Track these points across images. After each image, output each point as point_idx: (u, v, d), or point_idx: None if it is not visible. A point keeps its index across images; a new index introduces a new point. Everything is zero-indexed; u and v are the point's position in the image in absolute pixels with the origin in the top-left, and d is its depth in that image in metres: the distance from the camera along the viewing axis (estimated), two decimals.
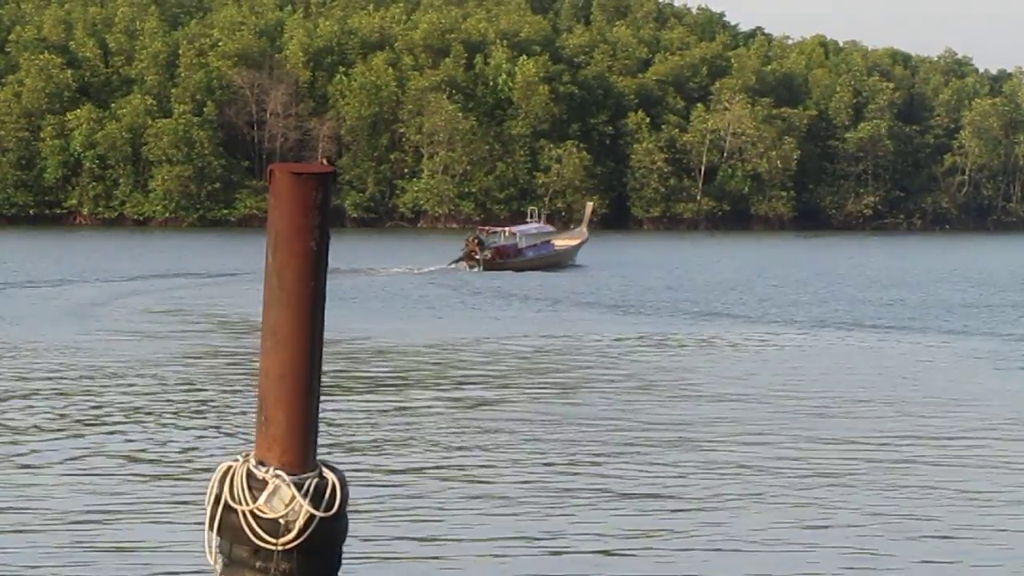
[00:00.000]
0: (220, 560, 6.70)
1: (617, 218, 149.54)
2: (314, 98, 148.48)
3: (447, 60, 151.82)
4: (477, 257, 76.83)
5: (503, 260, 77.53)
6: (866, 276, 76.65)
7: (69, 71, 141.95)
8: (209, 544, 6.65)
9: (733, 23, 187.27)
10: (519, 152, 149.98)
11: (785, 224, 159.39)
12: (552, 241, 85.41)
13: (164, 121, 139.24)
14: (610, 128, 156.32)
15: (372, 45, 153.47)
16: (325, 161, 8.51)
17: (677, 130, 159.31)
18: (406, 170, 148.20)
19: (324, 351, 6.69)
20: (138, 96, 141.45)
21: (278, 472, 6.57)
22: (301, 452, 6.63)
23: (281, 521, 6.56)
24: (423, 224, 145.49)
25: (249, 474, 6.60)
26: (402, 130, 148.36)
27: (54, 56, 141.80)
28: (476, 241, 78.45)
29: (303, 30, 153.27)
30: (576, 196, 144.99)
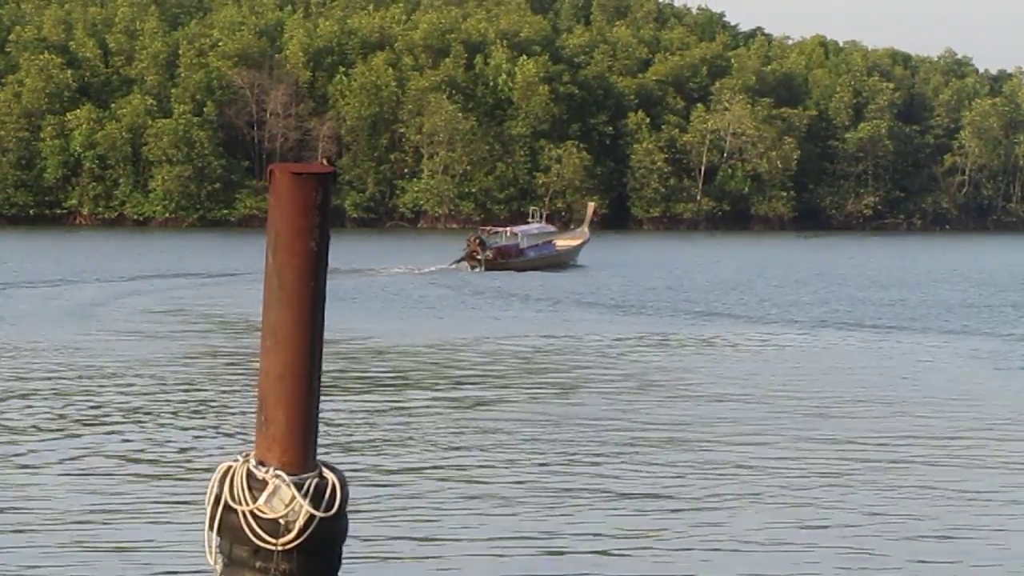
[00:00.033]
0: (220, 560, 6.70)
1: (617, 218, 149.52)
2: (314, 98, 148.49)
3: (447, 60, 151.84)
4: (479, 257, 76.81)
5: (505, 260, 77.53)
6: (866, 276, 76.65)
7: (69, 71, 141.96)
8: (209, 544, 6.66)
9: (733, 23, 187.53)
10: (519, 152, 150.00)
11: (785, 224, 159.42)
12: (554, 241, 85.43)
13: (164, 121, 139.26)
14: (610, 128, 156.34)
15: (372, 45, 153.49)
16: (325, 161, 8.52)
17: (677, 130, 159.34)
18: (406, 170, 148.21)
19: (324, 351, 6.69)
20: (138, 96, 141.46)
21: (278, 472, 6.58)
22: (301, 452, 6.63)
23: (281, 521, 6.56)
24: (423, 224, 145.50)
25: (249, 474, 6.60)
26: (402, 130, 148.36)
27: (54, 56, 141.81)
28: (478, 241, 78.43)
29: (303, 30, 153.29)
30: (576, 196, 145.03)
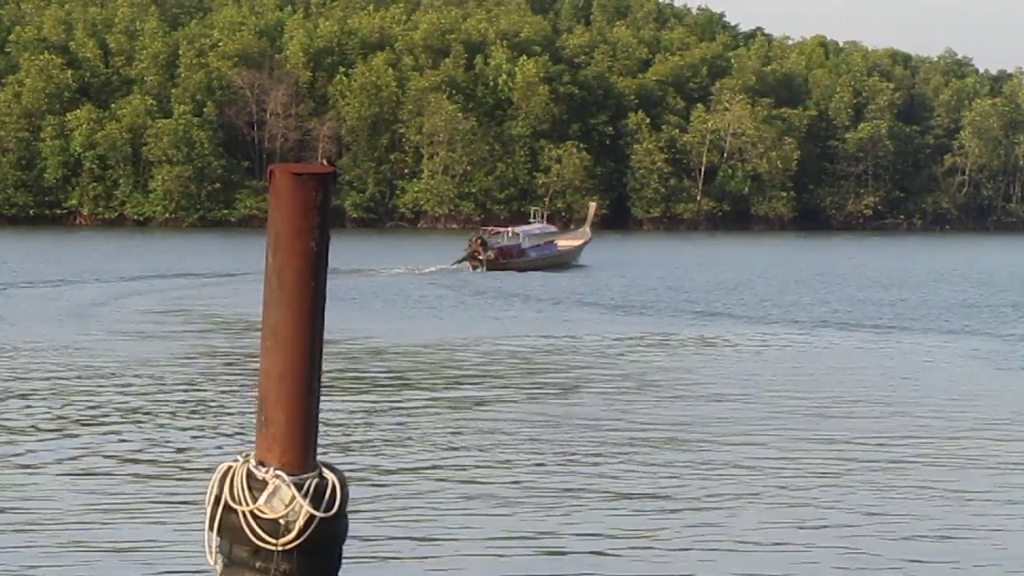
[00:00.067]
0: (220, 560, 6.71)
1: (617, 218, 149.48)
2: (314, 98, 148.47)
3: (447, 60, 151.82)
4: (480, 257, 76.78)
5: (506, 260, 77.49)
6: (866, 276, 76.65)
7: (69, 71, 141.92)
8: (209, 544, 6.67)
9: (733, 23, 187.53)
10: (519, 152, 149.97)
11: (785, 224, 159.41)
12: (555, 241, 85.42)
13: (164, 121, 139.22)
14: (610, 128, 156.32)
15: (372, 45, 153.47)
16: (325, 161, 8.53)
17: (677, 130, 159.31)
18: (406, 170, 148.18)
19: (324, 351, 6.70)
20: (138, 96, 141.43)
21: (278, 472, 6.58)
22: (301, 452, 6.64)
23: (281, 521, 6.57)
24: (423, 224, 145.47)
25: (249, 474, 6.61)
26: (402, 130, 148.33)
27: (54, 56, 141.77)
28: (479, 241, 78.38)
29: (303, 30, 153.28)
30: (576, 196, 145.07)
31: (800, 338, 43.46)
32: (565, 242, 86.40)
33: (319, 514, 6.57)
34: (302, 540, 6.57)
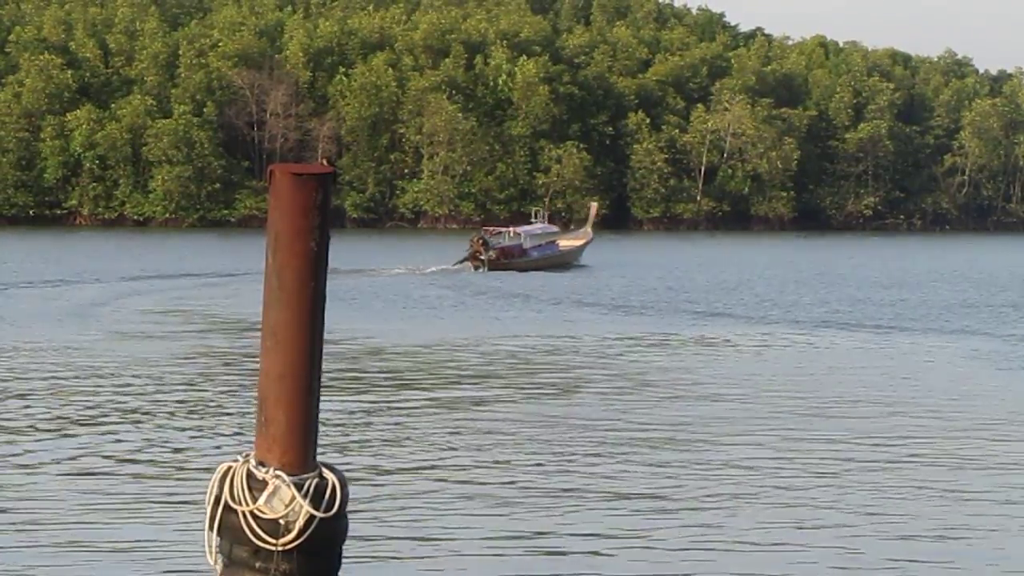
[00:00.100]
0: (220, 560, 6.72)
1: (617, 218, 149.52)
2: (314, 98, 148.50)
3: (447, 60, 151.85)
4: (482, 257, 76.78)
5: (508, 260, 77.48)
6: (866, 276, 76.64)
7: (69, 71, 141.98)
8: (209, 544, 6.67)
9: (733, 23, 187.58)
10: (519, 152, 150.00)
11: (785, 224, 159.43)
12: (557, 241, 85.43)
13: (164, 121, 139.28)
14: (610, 128, 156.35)
15: (372, 45, 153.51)
16: (325, 161, 8.54)
17: (677, 130, 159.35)
18: (406, 170, 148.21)
19: (324, 351, 6.71)
20: (138, 96, 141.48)
21: (278, 472, 6.59)
22: (301, 452, 6.65)
23: (281, 522, 6.57)
24: (423, 224, 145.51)
25: (249, 474, 6.62)
26: (402, 130, 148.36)
27: (54, 56, 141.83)
28: (481, 241, 78.37)
29: (303, 30, 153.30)
30: (576, 196, 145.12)
31: (800, 338, 43.46)
32: (567, 242, 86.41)
33: (319, 514, 6.57)
34: (302, 540, 6.58)
